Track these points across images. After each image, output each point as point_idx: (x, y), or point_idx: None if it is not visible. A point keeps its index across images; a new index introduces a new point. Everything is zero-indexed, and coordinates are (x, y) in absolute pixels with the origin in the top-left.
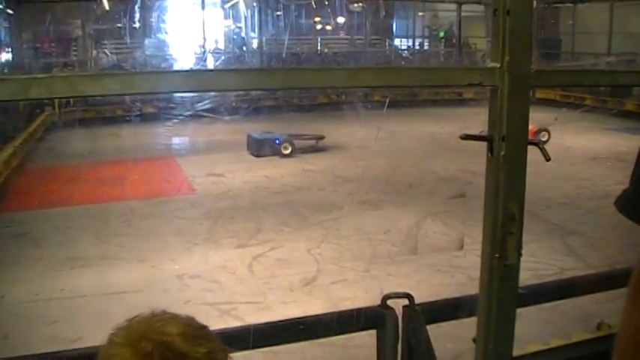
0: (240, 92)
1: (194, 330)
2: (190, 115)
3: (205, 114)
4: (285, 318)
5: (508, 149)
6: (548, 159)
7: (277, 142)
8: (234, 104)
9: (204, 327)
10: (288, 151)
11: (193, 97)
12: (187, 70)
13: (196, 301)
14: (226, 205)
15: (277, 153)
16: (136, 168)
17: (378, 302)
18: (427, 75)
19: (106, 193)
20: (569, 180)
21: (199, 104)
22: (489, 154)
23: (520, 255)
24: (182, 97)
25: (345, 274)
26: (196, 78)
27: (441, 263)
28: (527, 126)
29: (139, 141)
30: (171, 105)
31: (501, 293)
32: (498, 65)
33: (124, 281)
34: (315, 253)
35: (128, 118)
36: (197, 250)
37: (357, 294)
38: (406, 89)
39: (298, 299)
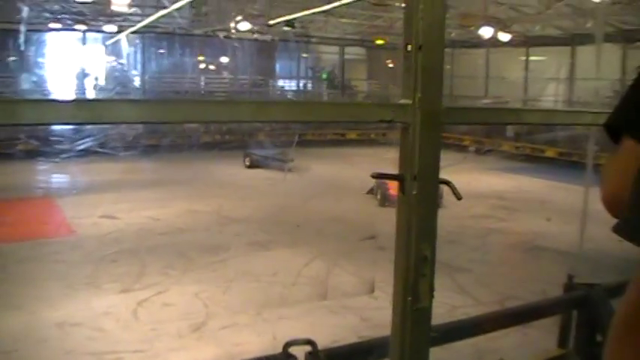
0: (124, 132)
1: None
2: (72, 153)
3: (89, 151)
4: None
5: (420, 188)
6: (459, 198)
7: None
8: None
9: None
10: None
11: (77, 133)
12: (80, 100)
13: (79, 351)
14: (109, 247)
15: None
16: (11, 209)
17: (272, 346)
18: (338, 110)
19: None
20: (454, 219)
21: (82, 141)
22: (401, 194)
23: (432, 297)
24: (64, 133)
25: (235, 318)
26: (89, 108)
27: (333, 304)
28: (439, 164)
29: (17, 179)
30: (54, 140)
31: (414, 337)
32: (410, 102)
33: None
34: (203, 296)
35: (6, 154)
36: (78, 295)
37: (249, 339)
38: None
39: (188, 346)
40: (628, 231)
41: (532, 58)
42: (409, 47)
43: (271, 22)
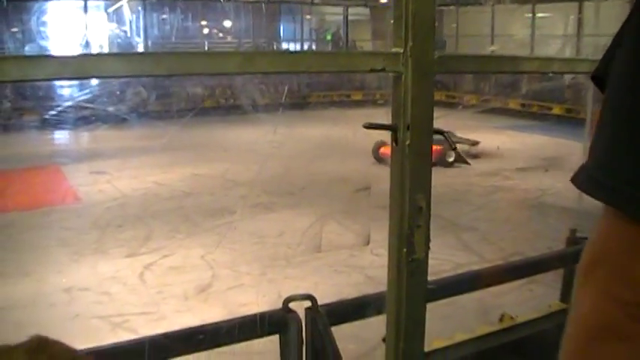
0: (126, 99)
1: None
2: (73, 120)
3: (91, 119)
4: (183, 327)
5: (413, 138)
6: (454, 148)
7: None
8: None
9: None
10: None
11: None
12: (64, 55)
13: (86, 315)
14: (114, 213)
15: None
16: (15, 178)
17: (277, 306)
18: (328, 60)
19: None
20: (458, 177)
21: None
22: (394, 144)
23: (428, 248)
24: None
25: (240, 279)
26: (76, 64)
27: (338, 263)
28: (432, 114)
29: (20, 149)
30: (55, 110)
31: (410, 289)
32: (401, 50)
33: (7, 296)
34: (208, 259)
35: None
36: (85, 261)
37: (254, 299)
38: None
39: (194, 307)
40: (583, 182)
41: (538, 15)
42: None
43: None
